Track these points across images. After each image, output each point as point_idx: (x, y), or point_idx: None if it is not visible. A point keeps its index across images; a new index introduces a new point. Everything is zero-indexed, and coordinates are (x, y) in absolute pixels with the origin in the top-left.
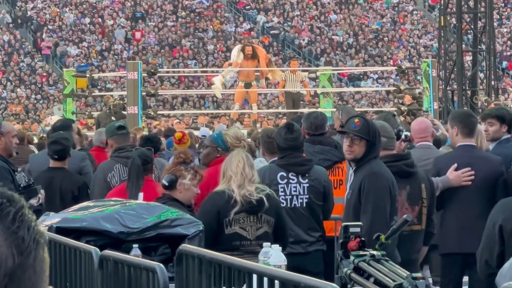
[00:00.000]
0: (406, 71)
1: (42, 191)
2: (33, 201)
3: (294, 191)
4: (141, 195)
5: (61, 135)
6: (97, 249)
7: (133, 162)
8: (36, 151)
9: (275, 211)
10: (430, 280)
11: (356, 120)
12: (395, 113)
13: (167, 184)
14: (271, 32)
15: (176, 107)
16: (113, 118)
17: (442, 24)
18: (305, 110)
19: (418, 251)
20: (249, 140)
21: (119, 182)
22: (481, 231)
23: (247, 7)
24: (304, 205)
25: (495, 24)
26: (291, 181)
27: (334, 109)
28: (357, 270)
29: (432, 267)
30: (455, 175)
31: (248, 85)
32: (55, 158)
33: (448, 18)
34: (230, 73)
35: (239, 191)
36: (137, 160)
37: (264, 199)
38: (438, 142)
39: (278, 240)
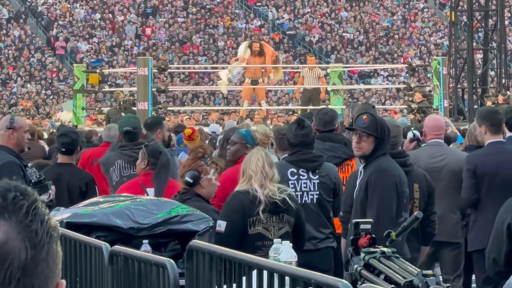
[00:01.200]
0: (416, 68)
1: (53, 187)
2: (44, 197)
3: (305, 187)
4: (151, 190)
5: (70, 129)
6: (107, 245)
7: (165, 158)
8: (46, 147)
9: (295, 211)
10: (441, 278)
11: (364, 116)
12: (374, 105)
13: (191, 181)
14: (288, 32)
15: (186, 103)
16: (122, 114)
17: (453, 19)
18: (316, 107)
19: (414, 250)
20: None
21: (119, 177)
22: None
23: (257, 4)
24: (315, 201)
25: (506, 22)
26: (301, 177)
27: (344, 106)
28: (368, 267)
29: (443, 264)
30: None
31: (255, 82)
32: (62, 151)
33: (459, 14)
34: (237, 68)
35: (262, 191)
36: (167, 156)
37: (287, 199)
38: (448, 140)
39: (297, 240)
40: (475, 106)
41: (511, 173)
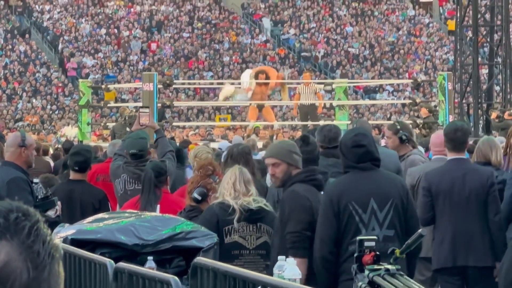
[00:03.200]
0: (421, 84)
1: (59, 203)
2: (51, 213)
3: None
4: (157, 207)
5: (83, 147)
6: (112, 261)
7: (146, 175)
8: (52, 162)
9: (273, 221)
10: None
11: None
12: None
13: (199, 198)
14: (302, 54)
15: (191, 118)
16: (127, 129)
17: (451, 29)
18: (321, 123)
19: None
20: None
21: (123, 190)
22: (474, 243)
23: (263, 19)
24: None
25: (511, 37)
26: None
27: (350, 122)
28: (372, 284)
29: None
30: None
31: (261, 106)
32: (75, 169)
33: (460, 20)
34: (240, 95)
35: (235, 201)
36: (150, 173)
37: (263, 207)
38: None
39: None
40: (481, 121)
41: (465, 191)
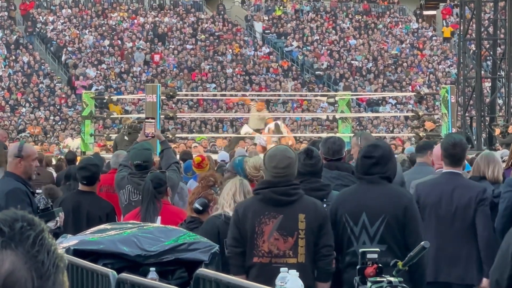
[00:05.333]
0: (424, 97)
1: (61, 214)
2: (51, 224)
3: None
4: (158, 218)
5: (90, 161)
6: (114, 272)
7: (145, 186)
8: (54, 173)
9: None
10: None
11: None
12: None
13: (201, 208)
14: (316, 73)
15: (194, 130)
16: (126, 138)
17: (446, 36)
18: (323, 135)
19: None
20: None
21: (127, 201)
22: (458, 260)
23: (266, 31)
24: None
25: None
26: None
27: (352, 134)
28: None
29: None
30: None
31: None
32: (83, 183)
33: (461, 32)
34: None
35: None
36: (149, 184)
37: None
38: None
39: None
40: (483, 135)
41: (452, 206)
